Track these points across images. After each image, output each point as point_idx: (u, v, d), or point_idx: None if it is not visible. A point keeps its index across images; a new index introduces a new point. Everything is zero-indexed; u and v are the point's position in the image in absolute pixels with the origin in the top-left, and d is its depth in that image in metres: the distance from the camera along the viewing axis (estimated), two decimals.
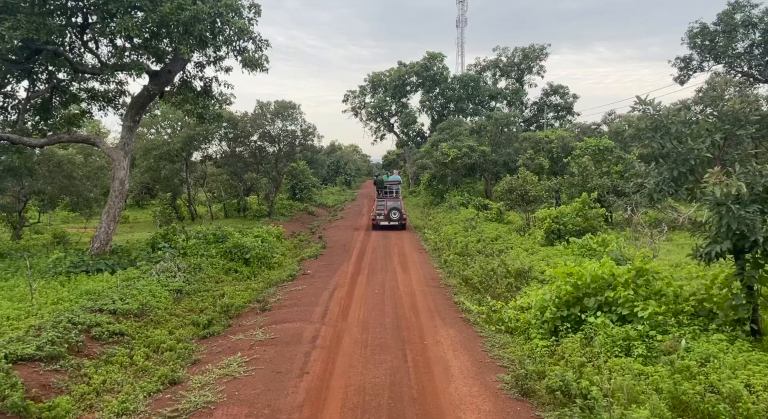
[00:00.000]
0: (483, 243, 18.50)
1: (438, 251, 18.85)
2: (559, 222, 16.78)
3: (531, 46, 47.73)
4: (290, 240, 23.24)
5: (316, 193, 44.83)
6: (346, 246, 20.84)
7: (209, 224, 25.70)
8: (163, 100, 20.48)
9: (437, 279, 14.49)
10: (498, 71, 49.25)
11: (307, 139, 32.47)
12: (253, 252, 16.24)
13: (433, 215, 30.54)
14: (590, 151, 20.82)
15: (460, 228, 22.08)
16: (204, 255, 15.88)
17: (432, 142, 36.96)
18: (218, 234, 17.68)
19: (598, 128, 44.30)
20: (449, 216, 28.23)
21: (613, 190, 19.25)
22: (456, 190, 34.82)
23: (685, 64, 38.43)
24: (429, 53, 49.24)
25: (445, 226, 24.46)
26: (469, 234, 20.52)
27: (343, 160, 75.97)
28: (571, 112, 47.83)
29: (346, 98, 53.77)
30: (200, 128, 28.95)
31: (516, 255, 15.80)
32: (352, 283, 13.95)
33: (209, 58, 19.19)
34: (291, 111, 30.89)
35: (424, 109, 51.13)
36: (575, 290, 8.90)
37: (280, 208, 34.85)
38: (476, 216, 24.16)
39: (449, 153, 31.74)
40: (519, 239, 18.47)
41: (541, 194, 19.92)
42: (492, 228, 21.28)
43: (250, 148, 32.64)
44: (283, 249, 19.86)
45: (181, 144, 29.39)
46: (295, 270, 15.95)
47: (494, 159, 32.32)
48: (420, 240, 22.43)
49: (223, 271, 15.31)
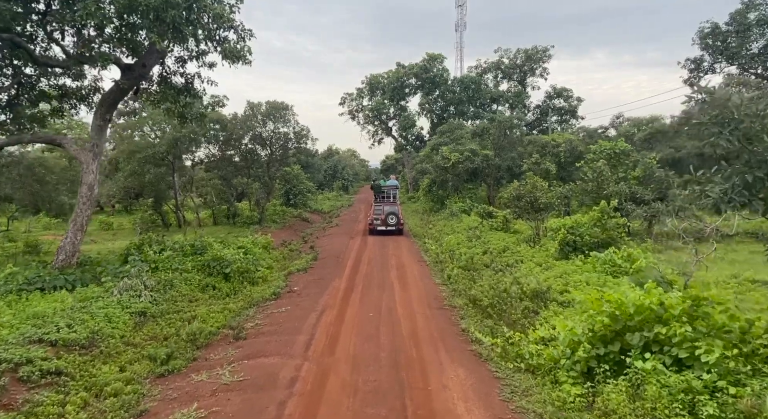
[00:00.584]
0: (490, 256, 16.81)
1: (440, 264, 17.16)
2: (574, 233, 15.11)
3: (534, 48, 46.24)
4: (279, 250, 21.53)
5: (311, 199, 43.11)
6: (340, 257, 19.14)
7: (194, 232, 23.99)
8: (142, 98, 18.87)
9: (440, 298, 12.77)
10: (500, 73, 47.66)
11: (300, 142, 30.79)
12: (233, 266, 14.52)
13: (433, 222, 28.86)
14: (605, 155, 19.18)
15: (464, 238, 20.40)
16: (178, 269, 14.16)
17: (432, 146, 35.34)
18: (197, 246, 15.96)
19: (605, 132, 42.70)
20: (451, 224, 26.55)
21: (632, 197, 17.59)
22: (457, 196, 33.16)
23: (695, 65, 36.90)
24: (428, 54, 47.70)
25: (447, 235, 22.78)
26: (474, 245, 18.84)
27: (340, 164, 74.31)
28: (575, 116, 46.29)
29: (343, 101, 52.16)
30: (186, 130, 27.28)
31: (528, 271, 14.11)
32: (343, 303, 12.24)
33: (191, 52, 17.64)
34: (283, 112, 29.22)
35: (423, 112, 49.49)
36: (613, 322, 7.22)
37: (272, 215, 33.13)
38: (480, 225, 22.49)
39: (450, 157, 30.12)
40: (529, 251, 16.79)
41: (552, 202, 18.25)
42: (498, 238, 19.60)
43: (241, 152, 30.96)
44: (271, 261, 18.15)
45: (167, 146, 27.68)
46: (281, 286, 14.23)
47: (497, 163, 30.69)
48: (420, 251, 20.73)
49: (198, 288, 13.60)
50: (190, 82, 18.80)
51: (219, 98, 37.51)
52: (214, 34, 14.39)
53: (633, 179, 18.29)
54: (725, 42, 35.00)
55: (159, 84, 18.84)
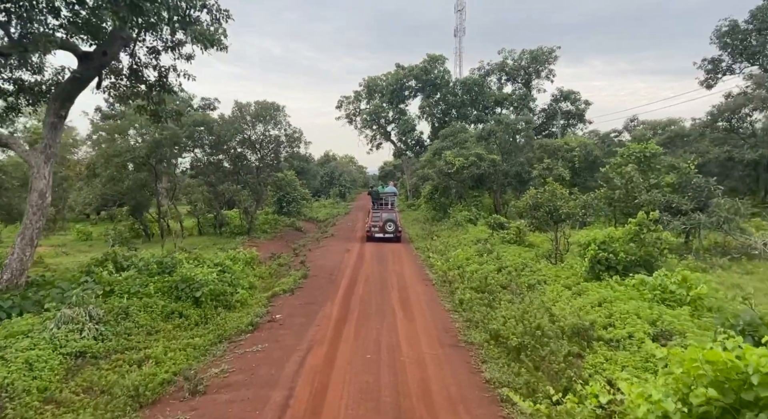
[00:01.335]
0: (506, 275, 14.56)
1: (448, 283, 14.89)
2: (607, 250, 12.86)
3: (539, 48, 44.18)
4: (266, 265, 19.24)
5: (306, 206, 40.86)
6: (333, 274, 16.86)
7: (173, 243, 21.69)
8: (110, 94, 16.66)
9: (453, 331, 10.50)
10: (503, 75, 45.55)
11: (293, 145, 28.57)
12: (205, 289, 12.22)
13: (436, 233, 26.61)
14: (633, 159, 16.99)
15: (473, 252, 18.15)
16: (138, 293, 11.86)
17: (433, 151, 33.15)
18: (165, 263, 13.66)
19: (618, 136, 40.64)
20: (456, 234, 24.31)
21: (667, 207, 15.38)
22: (461, 204, 30.95)
23: (713, 66, 34.85)
24: (429, 55, 45.54)
25: (453, 248, 20.54)
26: (486, 261, 16.59)
27: (337, 170, 72.12)
28: (582, 120, 44.14)
29: (340, 104, 50.01)
30: (168, 132, 25.06)
31: (556, 296, 11.87)
32: (334, 337, 9.96)
33: (166, 42, 15.56)
34: (274, 113, 27.02)
35: (423, 116, 47.30)
36: (721, 394, 4.98)
37: (263, 224, 30.86)
38: (490, 237, 20.25)
39: (454, 162, 27.91)
40: (552, 269, 14.53)
41: (574, 212, 16.03)
42: (513, 253, 17.35)
43: (230, 156, 28.73)
44: (254, 279, 15.86)
45: (147, 149, 25.45)
46: (261, 313, 11.94)
47: (505, 169, 28.50)
48: (423, 266, 18.47)
49: (161, 317, 11.29)
50: (164, 76, 16.67)
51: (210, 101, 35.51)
52: (183, 14, 12.17)
53: (667, 186, 16.08)
54: (745, 41, 33.00)
55: (128, 78, 16.72)
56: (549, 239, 19.21)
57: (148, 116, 17.56)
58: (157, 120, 17.82)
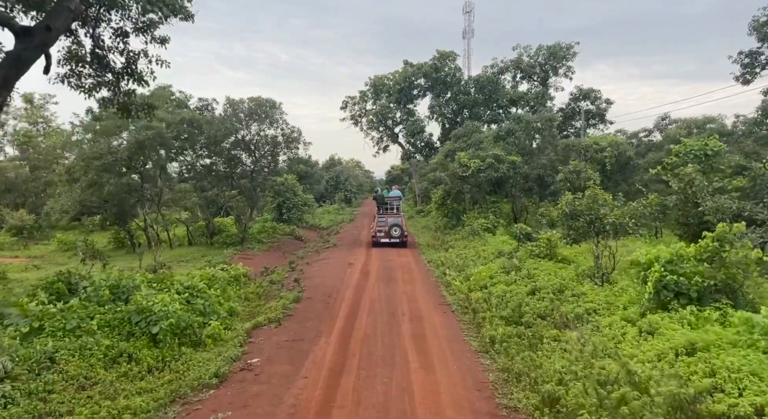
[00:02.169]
0: (543, 300, 11.80)
1: (471, 311, 12.16)
2: (676, 272, 10.06)
3: (557, 44, 41.41)
4: (256, 283, 16.60)
5: (308, 212, 38.23)
6: (332, 296, 14.15)
7: (153, 255, 19.09)
8: (63, 82, 14.12)
9: (487, 387, 7.75)
10: (519, 72, 42.73)
11: (291, 147, 25.95)
12: (165, 323, 9.55)
13: (450, 243, 23.85)
14: (692, 157, 14.21)
15: (497, 269, 15.40)
16: (77, 329, 9.21)
17: (445, 152, 30.39)
18: (122, 287, 11.01)
19: (649, 135, 37.69)
20: (473, 245, 21.53)
21: (737, 215, 12.56)
22: (476, 210, 28.20)
23: (750, 59, 31.88)
24: (439, 52, 42.90)
25: (472, 263, 17.80)
26: (515, 280, 13.83)
27: (343, 175, 69.48)
28: (603, 120, 41.21)
29: (345, 105, 47.31)
30: (152, 131, 22.54)
31: (618, 332, 9.10)
32: (326, 399, 7.25)
33: (135, 23, 13.11)
34: (270, 110, 24.41)
35: (433, 116, 44.53)
36: None
37: (259, 233, 28.24)
38: (516, 250, 17.48)
39: (469, 164, 25.18)
40: (599, 293, 11.73)
41: (622, 221, 13.24)
42: (546, 270, 14.55)
43: (223, 158, 26.16)
44: (236, 304, 13.18)
45: (129, 151, 22.95)
46: (234, 356, 9.25)
47: (526, 172, 25.72)
48: (439, 285, 15.75)
49: (103, 362, 8.64)
50: (132, 63, 14.12)
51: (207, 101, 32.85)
52: None
53: (735, 190, 13.26)
54: None
55: (91, 64, 14.19)
56: (589, 253, 16.46)
57: (116, 110, 15.03)
58: (126, 114, 15.26)
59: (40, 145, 35.38)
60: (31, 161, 34.87)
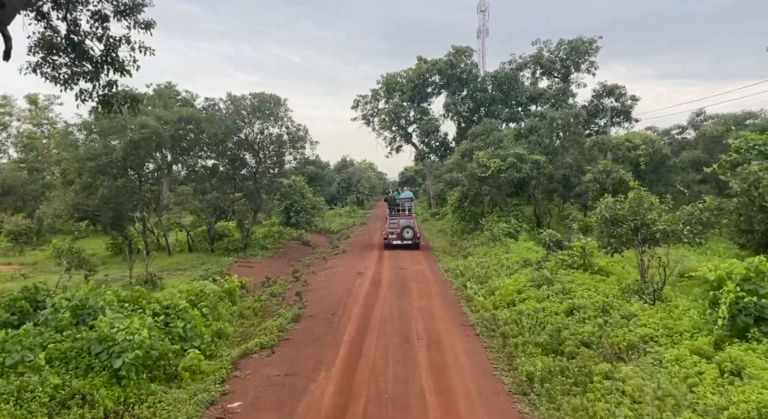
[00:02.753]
0: (583, 321, 9.93)
1: (500, 335, 10.31)
2: (755, 292, 8.14)
3: (579, 38, 39.31)
4: (255, 296, 14.92)
5: (318, 215, 36.56)
6: (337, 313, 12.39)
7: (145, 264, 17.52)
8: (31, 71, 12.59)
9: None
10: (539, 68, 40.68)
11: (296, 146, 24.28)
12: (130, 355, 7.86)
13: (469, 249, 21.98)
14: (756, 154, 12.20)
15: (525, 281, 13.53)
16: (21, 364, 7.57)
17: (462, 152, 28.49)
18: (88, 308, 9.37)
19: (682, 132, 35.42)
20: (494, 252, 19.63)
21: None
22: (495, 213, 26.30)
23: None
24: (455, 48, 40.98)
25: (495, 272, 15.95)
26: (547, 295, 11.96)
27: (355, 176, 67.79)
28: (629, 118, 39.00)
29: (356, 104, 45.57)
30: (147, 130, 21.02)
31: (691, 370, 7.22)
32: None
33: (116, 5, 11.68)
34: (274, 107, 22.78)
35: (448, 115, 42.55)
36: None
37: (265, 237, 26.63)
38: (544, 259, 15.56)
39: (489, 164, 23.28)
40: (653, 315, 9.80)
41: (675, 228, 11.29)
42: (583, 284, 12.63)
43: (224, 159, 24.60)
44: (226, 324, 11.48)
45: (124, 152, 21.45)
46: (211, 396, 7.54)
47: (550, 172, 23.75)
48: (459, 300, 13.92)
49: (50, 407, 6.98)
50: (113, 50, 12.56)
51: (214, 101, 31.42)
52: None
53: None
54: None
55: (66, 52, 12.65)
56: (629, 264, 14.56)
57: (96, 103, 13.45)
58: (108, 109, 13.68)
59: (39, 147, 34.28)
60: (29, 163, 33.74)
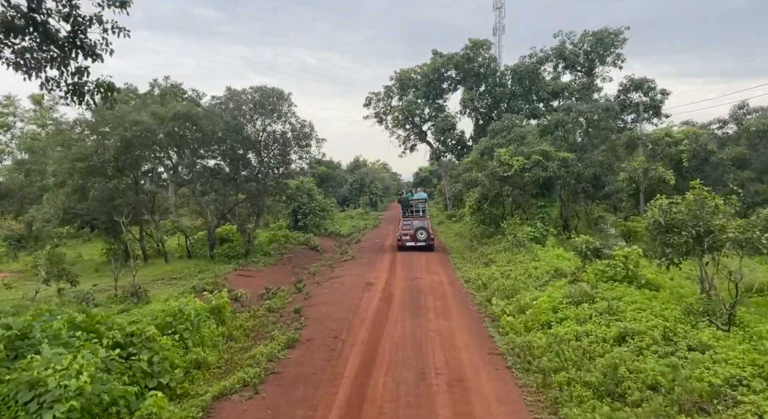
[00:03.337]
0: (640, 352, 7.94)
1: (537, 370, 8.34)
2: None
3: (604, 29, 36.97)
4: (251, 311, 13.15)
5: (327, 218, 34.78)
6: (339, 336, 10.52)
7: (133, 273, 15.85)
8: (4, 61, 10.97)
9: None
10: (561, 62, 38.41)
11: (302, 144, 22.49)
12: (63, 407, 6.08)
13: (491, 255, 19.97)
14: None
15: (560, 296, 11.54)
16: None
17: (481, 150, 26.45)
18: (30, 339, 7.63)
19: (723, 127, 32.97)
20: (520, 260, 17.59)
21: None
22: (517, 216, 24.25)
23: None
24: (472, 41, 38.89)
25: (522, 284, 13.95)
26: (590, 316, 9.96)
27: (368, 177, 65.94)
28: (658, 114, 36.51)
29: (369, 101, 43.64)
30: (139, 127, 19.41)
31: None
32: None
33: None
34: (277, 102, 21.01)
35: (466, 111, 40.41)
36: None
37: (270, 242, 24.91)
38: (580, 270, 13.52)
39: (512, 162, 21.25)
40: (732, 346, 7.77)
41: (751, 236, 9.24)
42: (632, 301, 10.58)
43: (227, 158, 22.92)
44: (207, 350, 9.68)
45: (115, 151, 19.87)
46: None
47: (579, 170, 21.64)
48: (484, 320, 11.97)
49: None
50: (81, 32, 10.83)
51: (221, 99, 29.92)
52: None
53: None
54: None
55: (28, 33, 10.98)
56: (681, 276, 12.52)
57: (64, 93, 11.78)
58: (80, 98, 11.98)
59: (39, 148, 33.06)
60: (27, 164, 32.50)
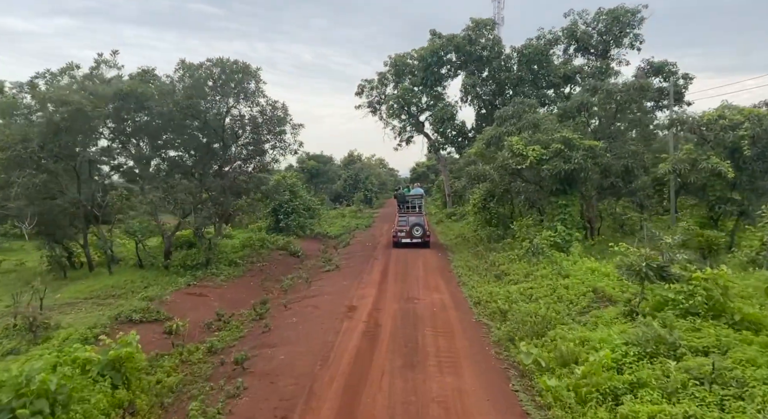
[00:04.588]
0: None
1: None
2: None
3: (621, 7, 33.28)
4: (182, 353, 9.45)
5: (315, 216, 30.97)
6: (292, 410, 6.82)
7: (39, 295, 12.09)
8: None
9: None
10: (573, 43, 34.66)
11: (272, 130, 18.69)
12: None
13: (502, 266, 16.30)
14: None
15: (620, 341, 7.87)
16: None
17: (487, 139, 22.68)
18: None
19: None
20: (541, 273, 13.91)
21: None
22: (529, 216, 20.58)
23: None
24: (474, 20, 35.03)
25: (556, 316, 10.25)
26: (680, 383, 6.29)
27: (363, 172, 62.15)
28: (681, 101, 32.91)
29: (361, 90, 39.86)
30: (68, 108, 15.61)
31: None
32: None
33: None
34: (243, 78, 17.20)
35: (467, 98, 36.62)
36: None
37: (243, 247, 21.18)
38: (638, 297, 9.83)
39: (527, 152, 17.56)
40: None
41: None
42: (744, 356, 6.93)
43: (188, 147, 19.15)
44: None
45: (42, 138, 16.12)
46: None
47: (608, 161, 17.97)
48: (510, 379, 8.32)
49: None
50: None
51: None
52: None
53: None
54: None
55: None
56: None
57: None
58: None
59: None
60: None
